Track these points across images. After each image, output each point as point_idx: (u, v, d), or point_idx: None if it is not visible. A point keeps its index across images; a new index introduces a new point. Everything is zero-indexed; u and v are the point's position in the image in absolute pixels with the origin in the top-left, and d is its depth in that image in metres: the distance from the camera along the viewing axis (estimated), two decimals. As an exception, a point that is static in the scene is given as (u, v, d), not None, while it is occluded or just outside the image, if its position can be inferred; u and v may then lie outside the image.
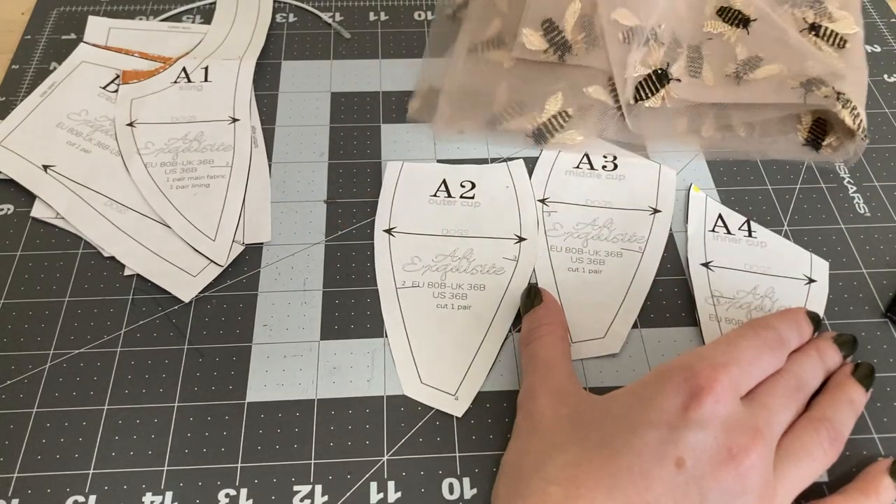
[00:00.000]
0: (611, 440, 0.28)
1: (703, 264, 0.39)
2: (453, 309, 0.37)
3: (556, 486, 0.27)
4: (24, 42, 0.50)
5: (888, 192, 0.43)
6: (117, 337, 0.36)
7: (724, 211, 0.42)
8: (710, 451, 0.27)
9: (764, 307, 0.38)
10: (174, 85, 0.47)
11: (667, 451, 0.27)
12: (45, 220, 0.40)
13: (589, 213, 0.41)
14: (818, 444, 0.30)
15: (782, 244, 0.40)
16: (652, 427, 0.27)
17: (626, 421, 0.28)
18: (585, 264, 0.39)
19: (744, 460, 0.27)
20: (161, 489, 0.32)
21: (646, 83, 0.43)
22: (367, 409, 0.34)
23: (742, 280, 0.39)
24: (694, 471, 0.27)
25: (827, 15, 0.47)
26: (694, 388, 0.28)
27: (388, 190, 0.42)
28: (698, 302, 0.38)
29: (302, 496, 0.32)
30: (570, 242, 0.40)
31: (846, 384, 0.33)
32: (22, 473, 0.32)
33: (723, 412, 0.28)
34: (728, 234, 0.41)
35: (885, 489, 0.31)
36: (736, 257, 0.40)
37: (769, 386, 0.30)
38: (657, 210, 0.41)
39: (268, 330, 0.37)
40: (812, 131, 0.44)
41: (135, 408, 0.34)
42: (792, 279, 0.39)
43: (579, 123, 0.44)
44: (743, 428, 0.28)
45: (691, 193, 0.42)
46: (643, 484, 0.26)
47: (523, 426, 0.31)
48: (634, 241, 0.40)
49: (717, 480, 0.27)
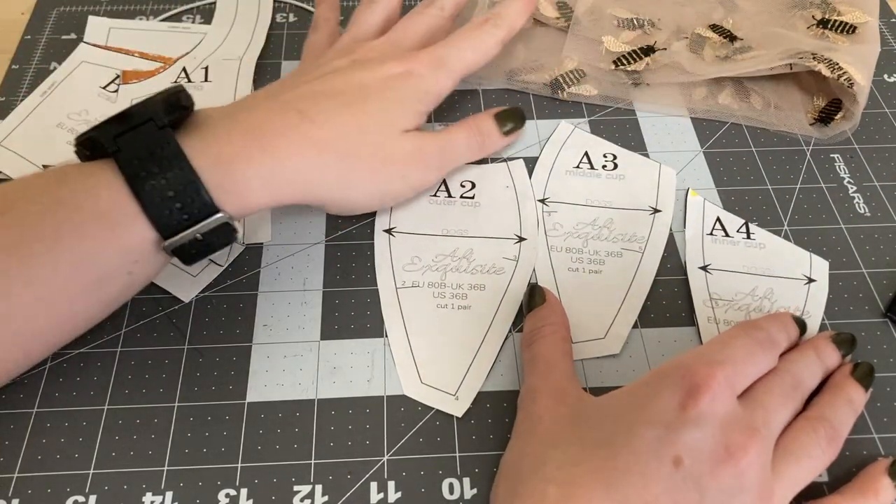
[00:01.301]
0: (609, 440, 0.28)
1: (701, 268, 0.39)
2: (453, 309, 0.37)
3: (554, 486, 0.27)
4: (24, 42, 0.50)
5: (888, 192, 0.43)
6: (117, 337, 0.36)
7: (723, 214, 0.41)
8: (707, 449, 0.27)
9: (763, 308, 0.38)
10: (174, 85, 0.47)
11: (664, 449, 0.27)
12: (46, 220, 0.40)
13: (589, 212, 0.41)
14: (816, 444, 0.30)
15: (782, 245, 0.40)
16: (649, 426, 0.28)
17: (624, 420, 0.28)
18: (585, 264, 0.39)
19: (742, 458, 0.27)
20: (161, 489, 0.32)
21: (630, 55, 0.48)
22: (367, 409, 0.34)
23: (741, 282, 0.39)
24: (692, 469, 0.27)
25: (836, 12, 0.48)
26: (690, 386, 0.28)
27: None
28: (696, 304, 0.38)
29: (302, 496, 0.32)
30: (571, 242, 0.40)
31: (845, 384, 0.33)
32: (22, 473, 0.32)
33: (720, 410, 0.28)
34: (726, 236, 0.40)
35: (883, 489, 0.31)
36: (734, 260, 0.39)
37: (766, 385, 0.30)
38: (657, 210, 0.41)
39: (268, 330, 0.37)
40: (825, 110, 0.46)
41: (135, 408, 0.34)
42: (791, 279, 0.39)
43: (594, 81, 0.48)
44: (740, 426, 0.28)
45: (689, 198, 0.42)
46: (641, 483, 0.26)
47: (523, 426, 0.31)
48: (635, 241, 0.40)
49: (716, 479, 0.27)
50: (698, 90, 0.47)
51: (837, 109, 0.45)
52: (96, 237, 0.30)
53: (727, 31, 0.49)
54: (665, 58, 0.47)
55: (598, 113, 0.47)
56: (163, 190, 0.30)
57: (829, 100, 0.46)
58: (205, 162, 0.31)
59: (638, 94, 0.47)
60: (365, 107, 0.36)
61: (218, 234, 0.32)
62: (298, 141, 0.34)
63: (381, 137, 0.36)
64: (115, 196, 0.30)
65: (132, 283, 0.32)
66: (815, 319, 0.37)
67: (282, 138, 0.33)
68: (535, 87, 0.47)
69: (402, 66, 0.38)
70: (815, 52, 0.44)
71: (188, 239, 0.31)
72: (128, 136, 0.30)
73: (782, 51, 0.45)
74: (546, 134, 0.45)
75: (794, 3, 0.50)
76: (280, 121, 0.34)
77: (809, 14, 0.49)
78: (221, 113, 0.34)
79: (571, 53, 0.48)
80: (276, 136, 0.33)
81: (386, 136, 0.36)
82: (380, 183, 0.37)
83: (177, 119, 0.32)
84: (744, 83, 0.47)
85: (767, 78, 0.47)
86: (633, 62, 0.47)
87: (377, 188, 0.37)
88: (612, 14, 0.50)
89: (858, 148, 0.45)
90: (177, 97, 0.32)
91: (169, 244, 0.31)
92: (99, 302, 0.32)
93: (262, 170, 0.33)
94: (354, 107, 0.36)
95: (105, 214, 0.30)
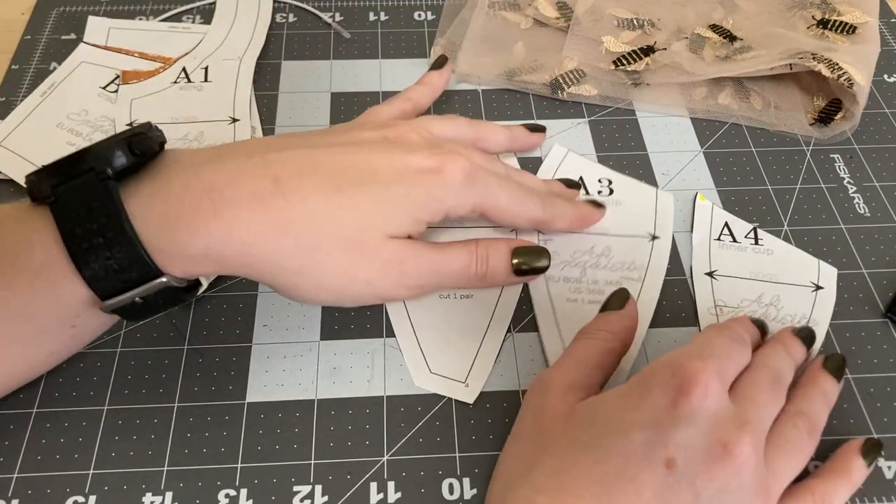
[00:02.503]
0: (598, 443, 0.27)
1: (707, 273, 0.39)
2: (456, 298, 0.38)
3: (543, 496, 0.26)
4: (24, 42, 0.50)
5: (888, 192, 0.43)
6: (117, 337, 0.36)
7: (731, 219, 0.41)
8: (701, 448, 0.26)
9: (769, 315, 0.37)
10: (174, 85, 0.47)
11: (655, 452, 0.26)
12: (45, 220, 0.40)
13: (586, 240, 0.40)
14: (800, 438, 0.30)
15: (790, 251, 0.40)
16: (639, 428, 0.27)
17: (613, 423, 0.28)
18: (585, 294, 0.38)
19: (739, 455, 0.26)
20: (161, 489, 0.32)
21: (630, 55, 0.47)
22: (367, 409, 0.34)
23: (747, 288, 0.38)
24: (686, 470, 0.26)
25: (836, 12, 0.49)
26: (681, 382, 0.27)
27: None
28: (700, 312, 0.37)
29: (302, 496, 0.32)
30: (568, 272, 0.39)
31: (819, 376, 0.33)
32: (22, 473, 0.32)
33: (712, 405, 0.27)
34: (734, 242, 0.40)
35: (856, 469, 0.31)
36: (742, 266, 0.39)
37: (750, 380, 0.30)
38: (656, 237, 0.40)
39: (268, 330, 0.37)
40: (825, 111, 0.45)
41: (135, 408, 0.34)
42: (799, 286, 0.38)
43: (593, 81, 0.47)
44: (733, 421, 0.27)
45: (697, 202, 0.42)
46: (632, 488, 0.26)
47: (523, 425, 0.31)
48: (634, 270, 0.39)
49: (712, 477, 0.26)
50: (698, 90, 0.47)
51: (837, 109, 0.45)
52: (32, 290, 0.28)
53: (727, 31, 0.49)
54: (665, 58, 0.47)
55: (598, 113, 0.47)
56: (98, 250, 0.27)
57: (829, 100, 0.46)
58: (148, 223, 0.28)
59: (638, 94, 0.47)
60: (356, 197, 0.31)
61: (162, 297, 0.29)
62: (259, 215, 0.29)
63: (359, 236, 0.31)
64: (49, 251, 0.28)
65: (79, 336, 0.31)
66: (821, 327, 0.37)
67: (241, 206, 0.29)
68: (535, 87, 0.47)
69: (434, 160, 0.33)
70: (815, 52, 0.44)
71: (127, 302, 0.29)
72: (66, 186, 0.28)
73: (782, 51, 0.45)
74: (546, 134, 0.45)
75: (794, 3, 0.51)
76: (249, 185, 0.30)
77: (809, 14, 0.49)
78: (190, 160, 0.30)
79: (571, 53, 0.48)
80: (236, 203, 0.29)
81: (366, 237, 0.31)
82: (341, 285, 0.32)
83: (136, 163, 0.29)
84: (744, 83, 0.47)
85: (767, 78, 0.47)
86: (633, 62, 0.47)
87: (336, 287, 0.32)
88: (612, 14, 0.50)
89: (858, 148, 0.45)
90: (138, 138, 0.29)
91: (107, 305, 0.29)
92: (43, 352, 0.30)
93: (209, 240, 0.29)
94: (343, 193, 0.31)
95: (40, 270, 0.28)
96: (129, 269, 0.28)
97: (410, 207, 0.32)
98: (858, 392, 0.35)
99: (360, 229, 0.31)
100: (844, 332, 0.37)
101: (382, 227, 0.32)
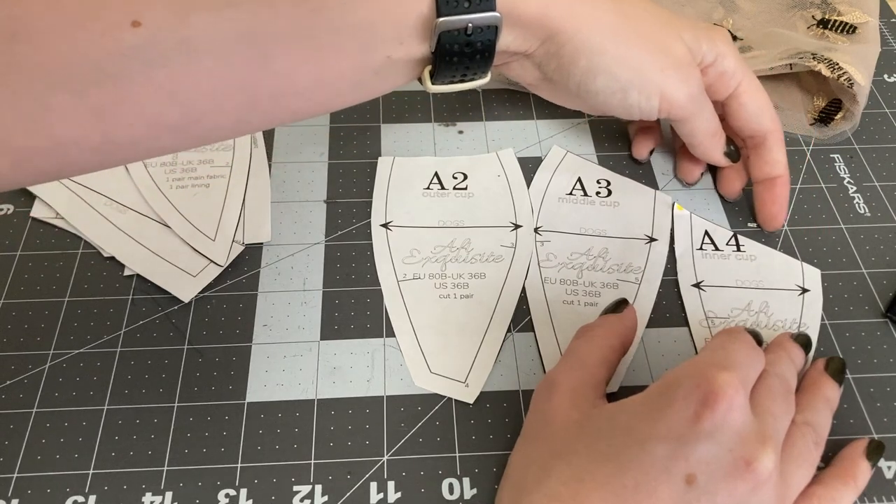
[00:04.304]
0: (617, 454, 0.27)
1: (694, 285, 0.38)
2: (456, 298, 0.38)
3: (557, 503, 0.26)
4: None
5: (888, 192, 0.43)
6: (117, 337, 0.36)
7: (710, 227, 0.41)
8: (723, 464, 0.26)
9: (760, 323, 0.37)
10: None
11: (676, 466, 0.26)
12: (45, 220, 0.40)
13: (583, 242, 0.40)
14: (809, 449, 0.29)
15: (772, 255, 0.40)
16: (660, 441, 0.26)
17: (634, 433, 0.27)
18: (581, 296, 0.38)
19: (762, 472, 0.26)
20: (161, 489, 0.32)
21: None
22: (367, 409, 0.34)
23: (735, 297, 0.38)
24: (706, 486, 0.25)
25: (836, 12, 0.49)
26: (706, 394, 0.26)
27: (381, 185, 0.42)
28: (692, 326, 0.37)
29: (302, 496, 0.32)
30: (565, 274, 0.39)
31: (821, 381, 0.33)
32: (22, 473, 0.32)
33: (736, 420, 0.26)
34: (716, 250, 0.40)
35: (861, 472, 0.31)
36: (727, 274, 0.39)
37: (766, 391, 0.29)
38: (653, 238, 0.40)
39: (268, 330, 0.37)
40: (825, 110, 0.45)
41: (135, 408, 0.34)
42: (785, 290, 0.38)
43: None
44: (755, 436, 0.26)
45: (675, 212, 0.41)
46: (650, 503, 0.25)
47: (532, 427, 0.31)
48: (631, 272, 0.39)
49: (732, 493, 0.26)
50: None
51: (837, 109, 0.45)
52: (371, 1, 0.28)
53: (727, 31, 0.49)
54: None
55: (598, 113, 0.47)
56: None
57: (829, 100, 0.46)
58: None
59: None
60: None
61: (483, 35, 0.30)
62: None
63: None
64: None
65: (380, 80, 0.31)
66: (812, 331, 0.37)
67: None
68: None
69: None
70: (816, 52, 0.44)
71: (459, 26, 0.29)
72: None
73: (782, 51, 0.45)
74: (546, 134, 0.45)
75: (794, 3, 0.51)
76: None
77: (809, 14, 0.49)
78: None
79: None
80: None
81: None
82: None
83: None
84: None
85: (767, 78, 0.47)
86: None
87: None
88: None
89: (858, 148, 0.45)
90: None
91: (440, 23, 0.29)
92: (357, 77, 0.30)
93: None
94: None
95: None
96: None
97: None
98: (858, 392, 0.35)
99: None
100: (844, 332, 0.37)
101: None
